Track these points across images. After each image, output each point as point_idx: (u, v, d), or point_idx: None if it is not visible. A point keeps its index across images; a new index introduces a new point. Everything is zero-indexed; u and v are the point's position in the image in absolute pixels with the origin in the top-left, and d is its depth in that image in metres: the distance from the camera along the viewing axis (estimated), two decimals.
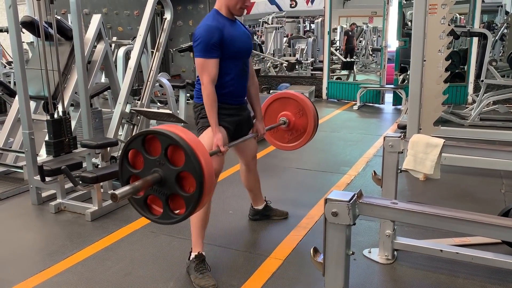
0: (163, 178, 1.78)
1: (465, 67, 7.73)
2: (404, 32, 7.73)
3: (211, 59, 2.38)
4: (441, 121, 5.51)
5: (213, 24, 2.40)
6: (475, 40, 7.37)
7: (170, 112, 4.32)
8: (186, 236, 2.90)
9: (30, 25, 4.02)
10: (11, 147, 4.40)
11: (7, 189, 3.84)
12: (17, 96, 3.90)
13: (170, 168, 1.76)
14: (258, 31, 13.61)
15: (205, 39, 2.36)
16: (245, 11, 2.65)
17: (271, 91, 8.39)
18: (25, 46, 8.84)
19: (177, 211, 1.81)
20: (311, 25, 15.92)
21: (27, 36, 6.32)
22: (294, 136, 3.28)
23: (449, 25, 3.68)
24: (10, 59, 9.30)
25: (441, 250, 2.49)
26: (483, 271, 2.48)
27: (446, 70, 3.78)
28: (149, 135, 1.80)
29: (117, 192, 1.69)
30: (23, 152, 3.69)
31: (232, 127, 2.60)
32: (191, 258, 2.48)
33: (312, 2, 17.58)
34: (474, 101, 6.61)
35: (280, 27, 12.65)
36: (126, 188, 1.74)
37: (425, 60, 3.65)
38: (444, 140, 2.31)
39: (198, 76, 2.52)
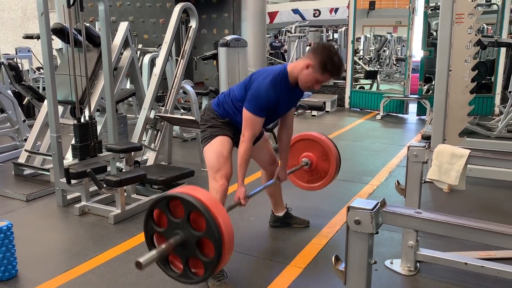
0: (184, 241, 1.84)
1: (492, 77, 7.60)
2: (429, 42, 7.65)
3: (260, 118, 2.48)
4: (467, 132, 5.40)
5: (275, 91, 2.45)
6: (503, 50, 7.24)
7: (194, 118, 4.37)
8: None
9: (60, 32, 4.15)
10: (38, 150, 4.52)
11: (34, 190, 3.94)
12: (45, 100, 4.02)
13: (192, 232, 1.83)
14: (281, 40, 13.65)
15: (262, 101, 2.44)
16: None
17: None
18: (54, 52, 9.07)
19: (196, 272, 1.86)
20: (334, 34, 15.91)
21: (55, 43, 6.49)
22: (314, 177, 3.28)
23: (476, 35, 3.63)
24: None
25: (466, 263, 2.43)
26: (510, 286, 2.42)
27: (472, 80, 3.72)
28: (174, 199, 1.86)
29: (141, 259, 1.66)
30: (50, 155, 3.79)
31: (237, 134, 2.61)
32: None
33: (335, 12, 17.56)
34: (501, 113, 6.47)
35: (303, 36, 12.67)
36: (151, 254, 1.75)
37: (450, 70, 3.61)
38: (470, 150, 2.27)
39: (225, 92, 2.67)
